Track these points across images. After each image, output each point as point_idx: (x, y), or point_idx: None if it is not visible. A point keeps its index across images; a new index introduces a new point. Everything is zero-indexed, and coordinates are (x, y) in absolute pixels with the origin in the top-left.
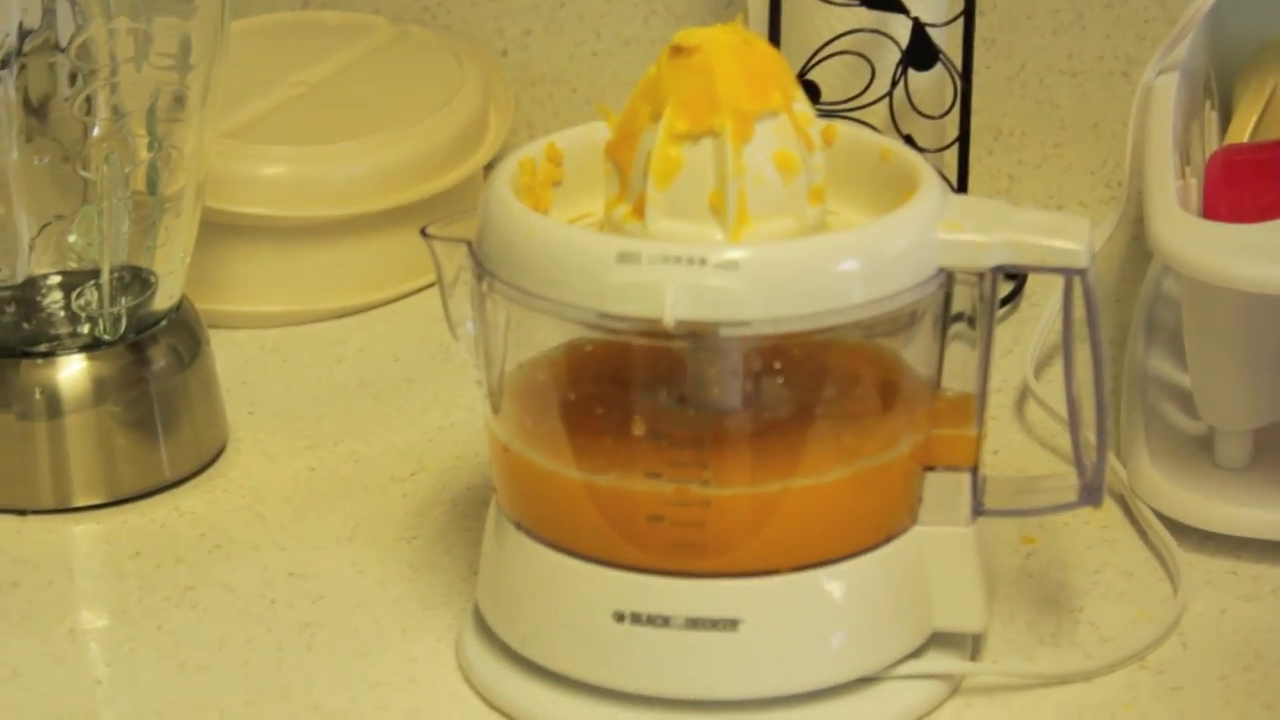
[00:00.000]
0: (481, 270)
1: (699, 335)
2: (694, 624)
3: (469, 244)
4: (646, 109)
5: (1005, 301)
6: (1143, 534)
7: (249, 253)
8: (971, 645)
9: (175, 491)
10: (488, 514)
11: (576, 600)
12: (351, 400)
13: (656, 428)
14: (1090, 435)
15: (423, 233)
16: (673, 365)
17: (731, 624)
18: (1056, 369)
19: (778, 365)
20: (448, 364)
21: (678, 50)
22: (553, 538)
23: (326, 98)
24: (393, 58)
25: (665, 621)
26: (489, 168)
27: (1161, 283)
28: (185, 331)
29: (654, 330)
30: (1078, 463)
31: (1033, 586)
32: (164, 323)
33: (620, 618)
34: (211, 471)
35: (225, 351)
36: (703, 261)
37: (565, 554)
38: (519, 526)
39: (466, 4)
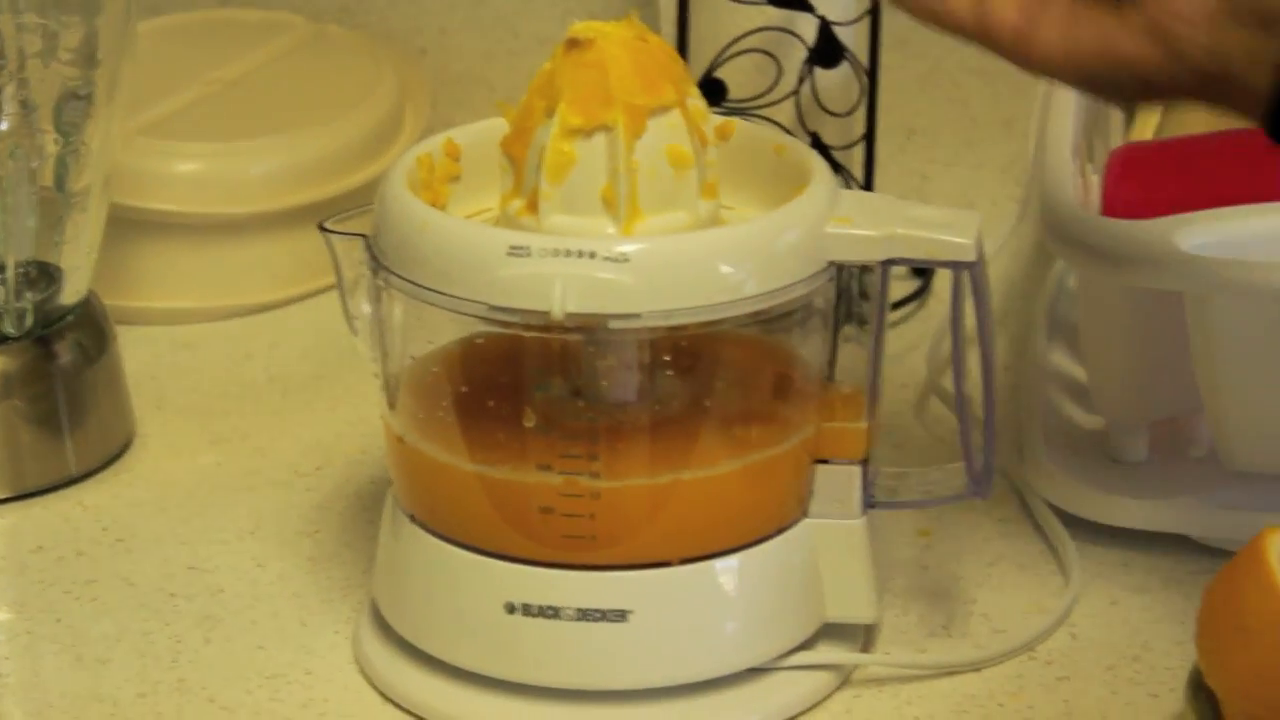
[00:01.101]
0: (377, 265)
1: (589, 328)
2: (584, 615)
3: (365, 239)
4: (541, 104)
5: (912, 298)
6: (1038, 527)
7: (162, 249)
8: (863, 636)
9: (80, 486)
10: (384, 507)
11: (468, 592)
12: (260, 396)
13: (547, 420)
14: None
15: (320, 227)
16: (564, 358)
17: (621, 615)
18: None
19: (668, 358)
20: (357, 359)
21: (572, 44)
22: (445, 530)
23: (241, 95)
24: (309, 56)
25: (555, 613)
26: None
27: (1064, 279)
28: (92, 327)
29: (544, 323)
30: (966, 455)
31: (928, 578)
32: (70, 318)
33: (511, 609)
34: (117, 466)
35: (137, 347)
36: (592, 255)
37: (457, 546)
38: (413, 519)
39: (384, 3)
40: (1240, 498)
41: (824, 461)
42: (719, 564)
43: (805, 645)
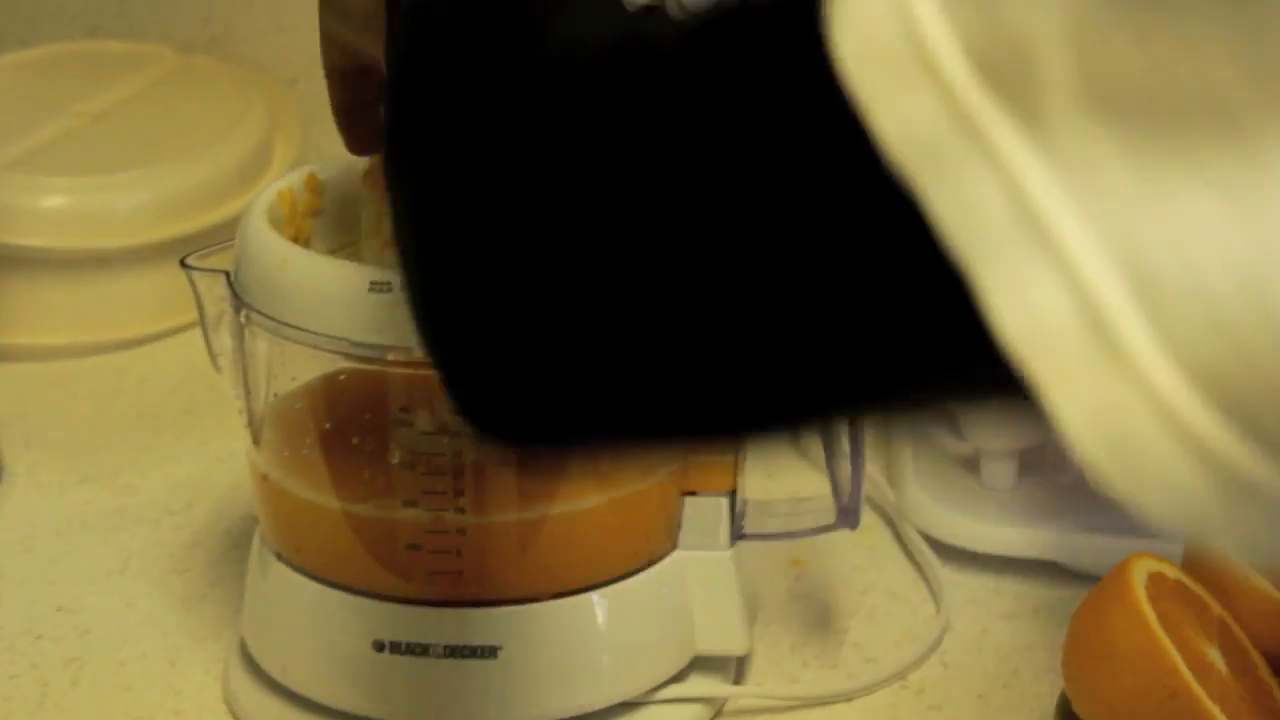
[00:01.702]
0: (239, 302)
1: None
2: (453, 652)
3: (227, 275)
4: None
5: None
6: (909, 555)
7: (28, 284)
8: (735, 668)
9: None
10: (252, 545)
11: (337, 630)
12: (130, 432)
13: (412, 456)
14: (846, 456)
15: (182, 264)
16: (429, 393)
17: (491, 651)
18: None
19: None
20: (227, 395)
21: None
22: (312, 568)
23: (108, 128)
24: (177, 88)
25: (424, 650)
26: None
27: None
28: None
29: (406, 359)
30: (834, 485)
31: (800, 609)
32: None
33: (380, 647)
34: None
35: (3, 384)
36: None
37: (325, 584)
38: (279, 557)
39: (255, 34)
40: (1108, 522)
41: (692, 493)
42: (589, 598)
43: (677, 678)
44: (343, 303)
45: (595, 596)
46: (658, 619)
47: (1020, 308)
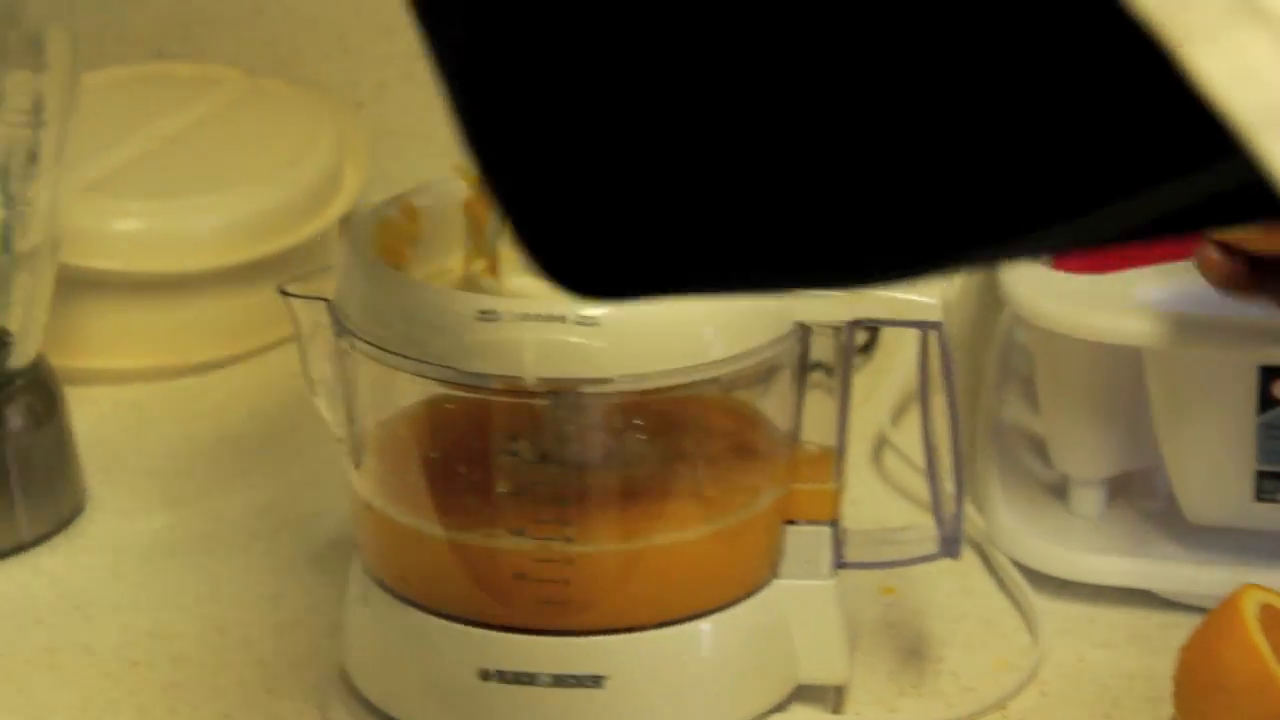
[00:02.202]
0: (341, 328)
1: (560, 392)
2: (560, 681)
3: (328, 302)
4: None
5: (861, 351)
6: (1000, 583)
7: (104, 308)
8: (834, 697)
9: (34, 552)
10: (350, 572)
11: (442, 659)
12: (211, 457)
13: (519, 485)
14: (948, 486)
15: (281, 291)
16: (534, 422)
17: (597, 681)
18: (913, 418)
19: (638, 421)
20: (307, 419)
21: None
22: (416, 596)
23: (180, 151)
24: (246, 110)
25: (531, 679)
26: (344, 221)
27: (1013, 332)
28: (41, 390)
29: (515, 388)
30: (936, 514)
31: (894, 636)
32: (19, 381)
33: (486, 676)
34: (70, 531)
35: (82, 409)
36: (562, 318)
37: (430, 613)
38: (382, 585)
39: (320, 56)
40: (1201, 551)
41: (793, 522)
42: (694, 627)
43: (778, 708)
44: (450, 331)
45: (699, 625)
46: (760, 648)
47: (1229, 62)
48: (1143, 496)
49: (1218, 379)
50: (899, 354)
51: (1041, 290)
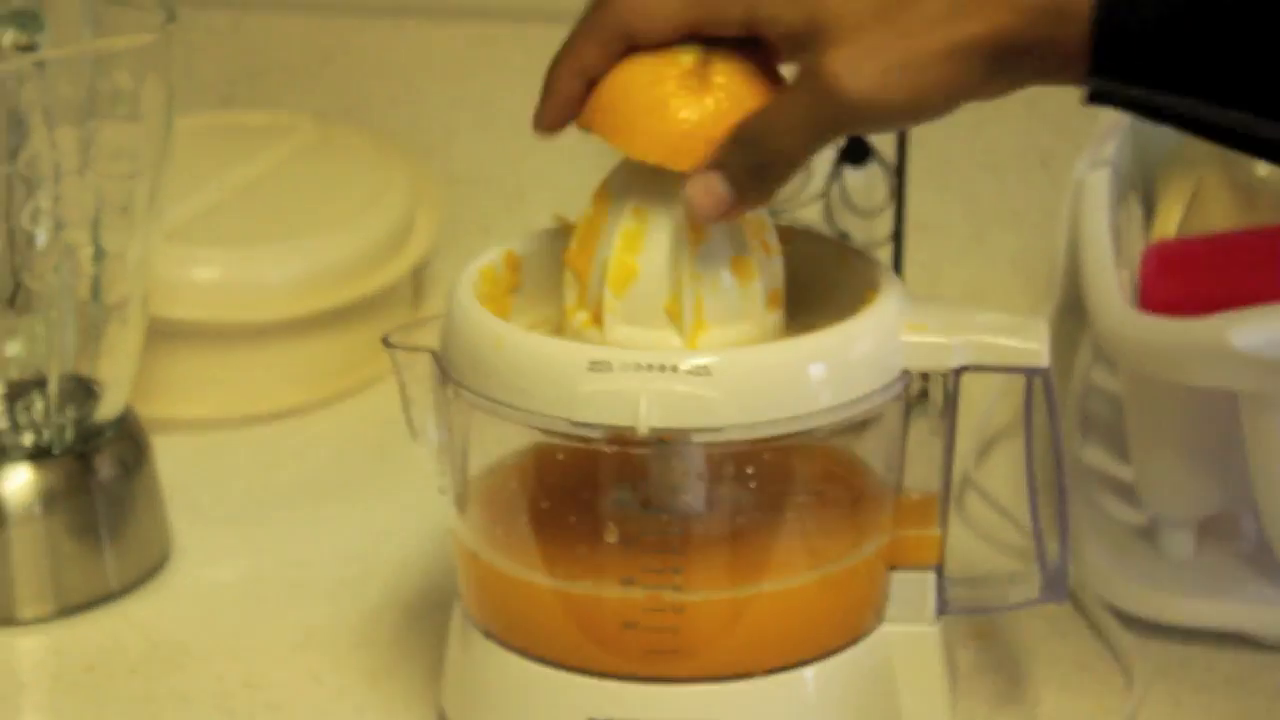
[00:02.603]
0: (447, 378)
1: (671, 442)
2: None
3: (433, 353)
4: (604, 212)
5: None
6: (1093, 626)
7: (182, 357)
8: None
9: (122, 601)
10: (451, 620)
11: (550, 708)
12: (293, 504)
13: (629, 534)
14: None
15: (385, 342)
16: (644, 471)
17: None
18: (991, 461)
19: (749, 470)
20: (386, 465)
21: None
22: (524, 645)
23: (255, 199)
24: (318, 157)
25: None
26: (418, 268)
27: (1090, 374)
28: (130, 440)
29: (626, 438)
30: (1040, 559)
31: (988, 682)
32: (109, 432)
33: None
34: (158, 580)
35: (163, 457)
36: (674, 368)
37: (537, 662)
38: (488, 634)
39: (388, 103)
40: None
41: (898, 568)
42: (801, 674)
43: None
44: (563, 382)
45: (806, 672)
46: (865, 694)
47: None
48: (1230, 538)
49: None
50: (981, 399)
51: (1139, 334)
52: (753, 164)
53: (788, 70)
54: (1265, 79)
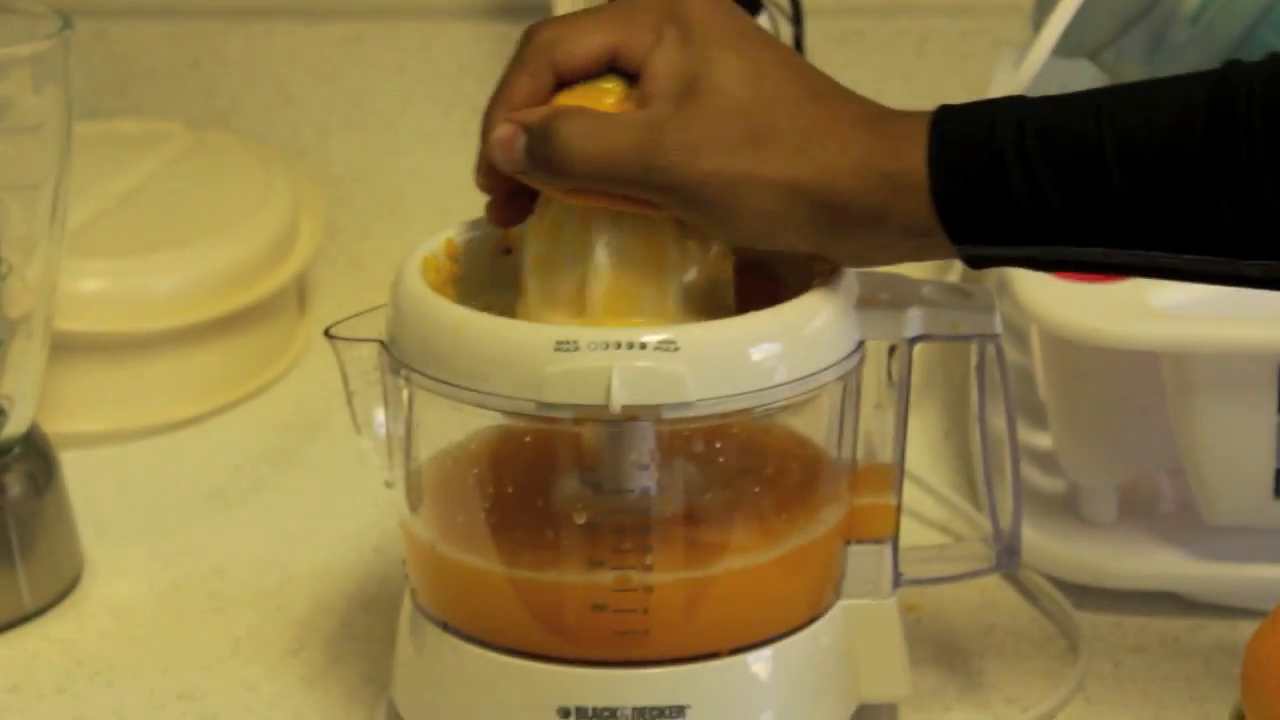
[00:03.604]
0: (398, 367)
1: (642, 419)
2: (641, 714)
3: (381, 343)
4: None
5: None
6: (1023, 592)
7: (72, 370)
8: (888, 716)
9: (39, 621)
10: (400, 616)
11: (518, 699)
12: (201, 514)
13: (595, 516)
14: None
15: (327, 334)
16: (610, 451)
17: (680, 711)
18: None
19: (716, 445)
20: (291, 470)
21: None
22: (489, 636)
23: (136, 208)
24: (195, 164)
25: (612, 714)
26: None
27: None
28: (38, 456)
29: (593, 416)
30: (994, 528)
31: (929, 653)
32: (16, 449)
33: (566, 713)
34: (74, 597)
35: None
36: (642, 345)
37: (503, 653)
38: (446, 628)
39: (261, 106)
40: (1219, 551)
41: (854, 542)
42: (769, 651)
43: None
44: (527, 364)
45: (774, 649)
46: (828, 669)
47: None
48: (1149, 500)
49: (1236, 379)
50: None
51: (1058, 300)
52: (543, 154)
53: None
54: (1102, 210)
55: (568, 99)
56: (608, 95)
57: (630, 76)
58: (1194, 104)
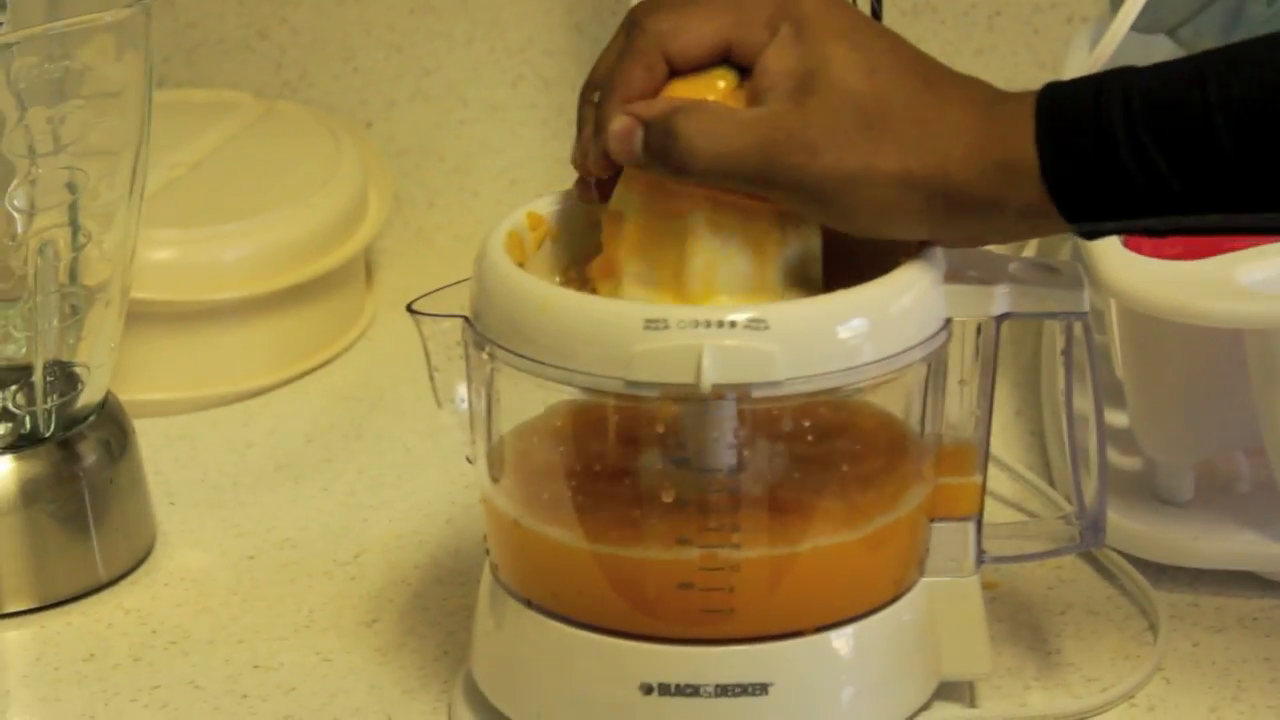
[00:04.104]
0: (482, 342)
1: (732, 398)
2: (724, 691)
3: (465, 319)
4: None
5: None
6: (1100, 571)
7: (141, 339)
8: (968, 693)
9: (113, 590)
10: (480, 591)
11: (601, 675)
12: (272, 484)
13: (683, 493)
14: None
15: (409, 309)
16: (696, 429)
17: (762, 688)
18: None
19: (803, 424)
20: (361, 441)
21: None
22: (572, 613)
23: (206, 178)
24: (265, 134)
25: (695, 691)
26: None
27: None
28: (113, 424)
29: (682, 395)
30: (1079, 504)
31: (1005, 631)
32: (92, 418)
33: (649, 690)
34: (147, 566)
35: None
36: (732, 324)
37: (587, 629)
38: (530, 604)
39: (329, 76)
40: None
41: (938, 520)
42: (853, 629)
43: (925, 705)
44: (616, 342)
45: (858, 627)
46: (911, 646)
47: None
48: (1226, 480)
49: None
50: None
51: (1142, 277)
52: (663, 149)
53: None
54: (1215, 177)
55: (680, 89)
56: (720, 87)
57: (742, 70)
58: None
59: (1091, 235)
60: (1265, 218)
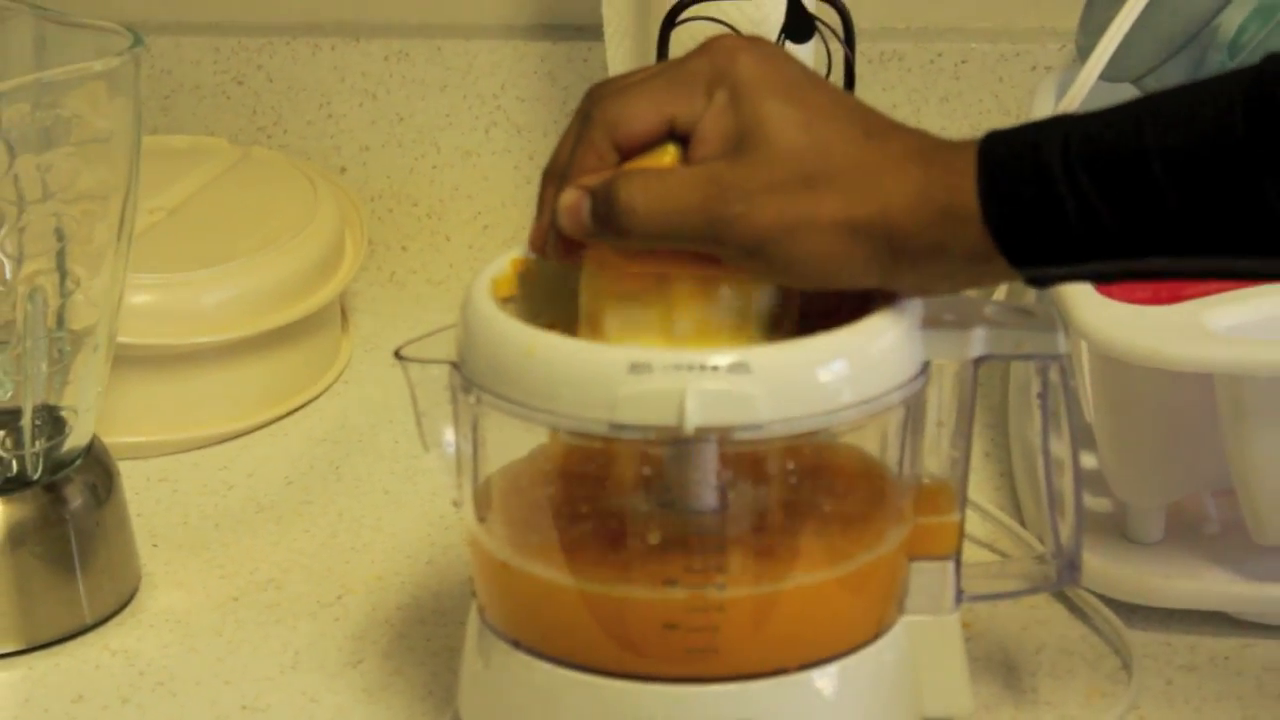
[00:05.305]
0: (470, 386)
1: (714, 440)
2: None
3: (453, 364)
4: None
5: None
6: (1072, 610)
7: (122, 382)
8: None
9: (99, 632)
10: (466, 633)
11: (588, 715)
12: (254, 526)
13: (669, 535)
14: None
15: (397, 355)
16: (679, 471)
17: None
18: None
19: (786, 465)
20: (341, 483)
21: None
22: (559, 653)
23: (184, 223)
24: (241, 180)
25: None
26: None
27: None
28: (99, 468)
29: (666, 438)
30: (1056, 543)
31: (981, 671)
32: (78, 461)
33: None
34: (132, 608)
35: None
36: (715, 368)
37: (573, 669)
38: (517, 644)
39: (302, 122)
40: (1269, 571)
41: (917, 559)
42: (835, 667)
43: None
44: (600, 385)
45: (840, 665)
46: (892, 685)
47: None
48: (1194, 521)
49: None
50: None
51: (1113, 322)
52: (608, 214)
53: None
54: (1153, 221)
55: (631, 169)
56: (666, 162)
57: (686, 140)
58: (1233, 103)
59: (1040, 282)
60: (1210, 261)
